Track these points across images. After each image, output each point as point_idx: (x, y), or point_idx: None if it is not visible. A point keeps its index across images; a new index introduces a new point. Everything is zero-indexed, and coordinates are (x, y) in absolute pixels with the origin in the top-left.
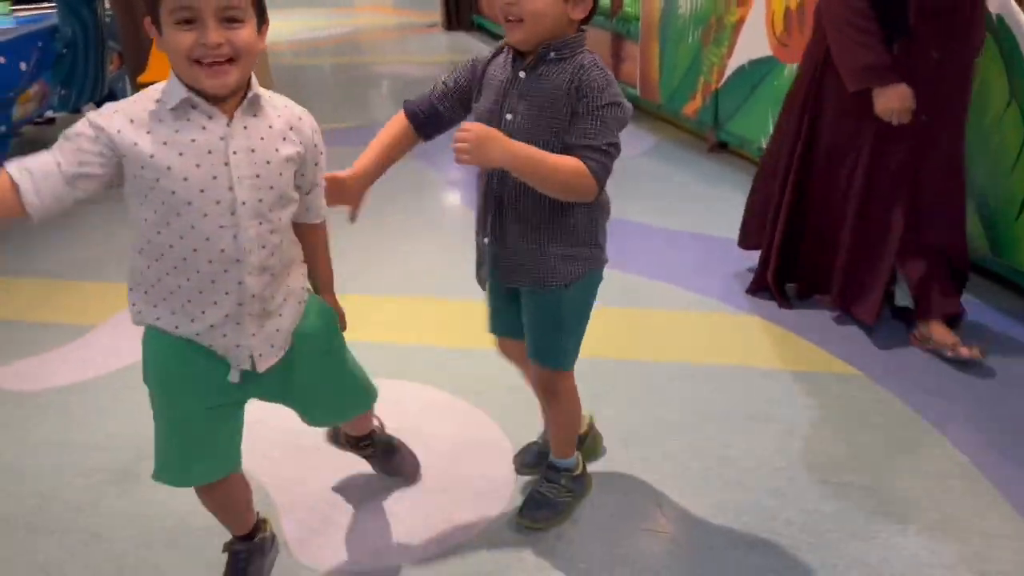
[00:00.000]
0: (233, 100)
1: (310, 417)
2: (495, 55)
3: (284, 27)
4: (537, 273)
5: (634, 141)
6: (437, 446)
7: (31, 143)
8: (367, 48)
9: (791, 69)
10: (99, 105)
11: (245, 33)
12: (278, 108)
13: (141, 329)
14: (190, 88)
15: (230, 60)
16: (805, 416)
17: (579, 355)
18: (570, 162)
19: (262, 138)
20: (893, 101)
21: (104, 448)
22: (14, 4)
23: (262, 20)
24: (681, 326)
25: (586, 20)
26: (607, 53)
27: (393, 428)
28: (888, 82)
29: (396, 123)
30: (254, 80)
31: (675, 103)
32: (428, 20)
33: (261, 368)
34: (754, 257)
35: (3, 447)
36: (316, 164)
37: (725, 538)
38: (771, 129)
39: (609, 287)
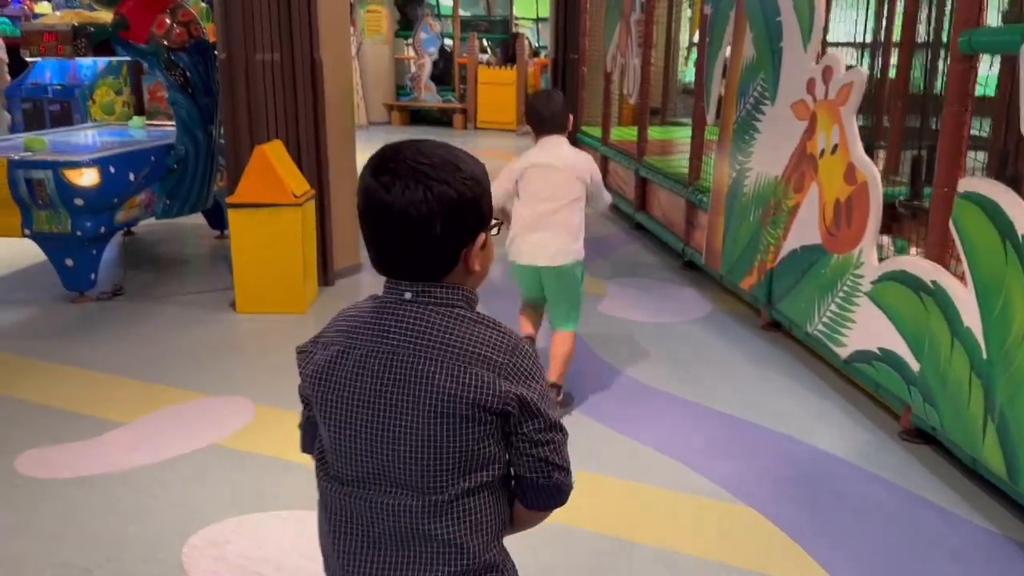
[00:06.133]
0: None
1: None
2: None
3: None
4: None
5: (691, 306)
6: None
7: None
8: None
9: (837, 259)
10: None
11: None
12: None
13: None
14: None
15: None
16: None
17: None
18: None
19: None
20: None
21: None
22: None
23: None
24: (672, 508)
25: None
26: (682, 219)
27: None
28: None
29: None
30: None
31: (734, 275)
32: None
33: None
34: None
35: None
36: None
37: None
38: (816, 316)
39: (618, 454)
